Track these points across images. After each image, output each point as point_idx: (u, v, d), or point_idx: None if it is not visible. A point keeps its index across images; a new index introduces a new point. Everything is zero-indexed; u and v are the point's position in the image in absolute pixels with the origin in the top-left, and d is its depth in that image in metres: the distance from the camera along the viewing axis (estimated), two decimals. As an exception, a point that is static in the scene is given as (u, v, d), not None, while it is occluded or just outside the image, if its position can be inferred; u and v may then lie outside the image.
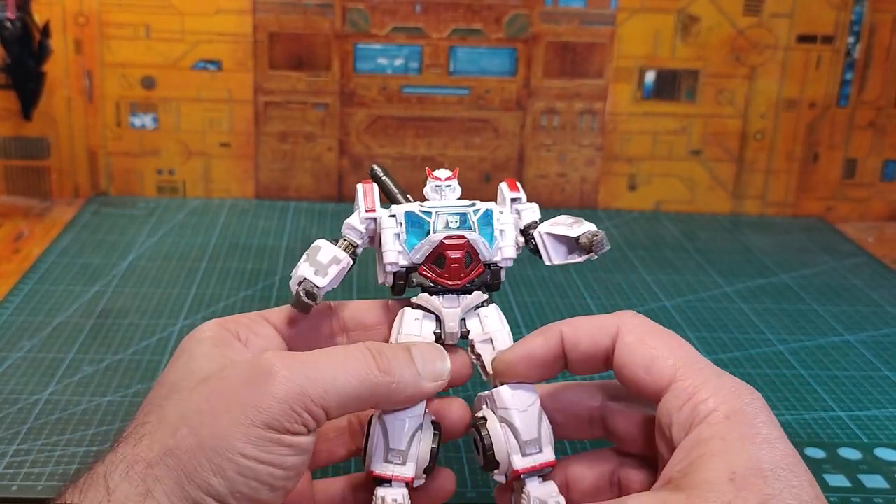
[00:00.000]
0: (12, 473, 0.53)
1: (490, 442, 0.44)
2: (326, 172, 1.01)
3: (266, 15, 0.96)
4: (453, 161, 1.01)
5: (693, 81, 1.01)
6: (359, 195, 0.46)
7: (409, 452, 0.43)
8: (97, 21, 0.95)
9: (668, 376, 0.41)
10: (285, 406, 0.37)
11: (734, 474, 0.36)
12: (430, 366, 0.42)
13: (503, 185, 0.48)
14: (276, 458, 0.37)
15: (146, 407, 0.40)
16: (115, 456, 0.37)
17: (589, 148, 1.02)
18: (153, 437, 0.37)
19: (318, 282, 0.44)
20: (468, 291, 0.46)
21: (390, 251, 0.45)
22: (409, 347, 0.42)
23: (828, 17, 0.99)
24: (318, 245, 0.46)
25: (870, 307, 0.82)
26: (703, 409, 0.39)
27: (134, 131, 0.99)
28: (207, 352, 0.41)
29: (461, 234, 0.45)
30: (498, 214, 0.46)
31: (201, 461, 0.36)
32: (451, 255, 0.44)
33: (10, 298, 0.75)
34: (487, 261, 0.45)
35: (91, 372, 0.65)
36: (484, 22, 0.98)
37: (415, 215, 0.45)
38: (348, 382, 0.39)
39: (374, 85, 0.99)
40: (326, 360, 0.39)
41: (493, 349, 0.45)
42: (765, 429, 0.38)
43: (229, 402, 0.37)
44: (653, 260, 0.90)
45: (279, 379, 0.38)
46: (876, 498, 0.55)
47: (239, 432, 0.37)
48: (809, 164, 1.04)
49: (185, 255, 0.86)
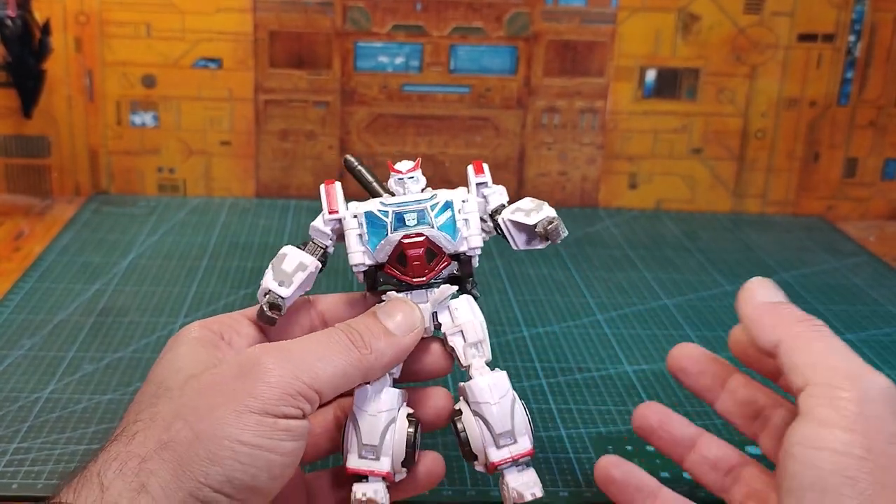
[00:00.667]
0: (13, 471, 0.53)
1: (465, 436, 0.44)
2: (327, 171, 1.01)
3: (266, 13, 0.96)
4: (454, 159, 1.01)
5: (694, 80, 1.01)
6: (322, 197, 0.47)
7: (382, 447, 0.43)
8: (98, 19, 0.95)
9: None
10: (278, 391, 0.38)
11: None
12: (399, 321, 0.43)
13: (469, 168, 0.48)
14: (274, 444, 0.38)
15: (136, 406, 0.40)
16: (107, 454, 0.38)
17: (590, 146, 1.02)
18: (147, 434, 0.38)
19: (282, 292, 0.45)
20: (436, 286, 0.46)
21: (355, 252, 0.45)
22: (375, 311, 0.44)
23: (828, 15, 0.99)
24: (284, 252, 0.46)
25: (870, 306, 0.82)
26: None
27: (134, 130, 0.99)
28: (193, 351, 0.42)
29: (419, 231, 0.44)
30: (460, 204, 0.46)
31: (198, 451, 0.37)
32: (412, 253, 0.45)
33: (10, 296, 0.75)
34: (453, 252, 0.45)
35: (91, 370, 0.65)
36: (485, 20, 0.98)
37: (373, 215, 0.45)
38: (333, 363, 0.40)
39: (374, 83, 0.99)
40: (310, 345, 0.41)
41: (463, 341, 0.45)
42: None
43: (223, 394, 0.38)
44: (653, 259, 0.90)
45: (270, 366, 0.39)
46: (876, 497, 0.55)
47: (235, 420, 0.37)
48: (810, 163, 1.04)
49: (186, 254, 0.86)
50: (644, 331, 0.75)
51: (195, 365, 0.41)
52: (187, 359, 0.42)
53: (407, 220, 0.45)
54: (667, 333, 0.74)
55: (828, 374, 0.39)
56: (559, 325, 0.74)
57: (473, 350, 0.45)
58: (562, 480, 0.55)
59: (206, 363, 0.41)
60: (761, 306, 0.44)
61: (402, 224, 0.45)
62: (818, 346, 0.41)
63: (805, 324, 0.42)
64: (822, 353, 0.41)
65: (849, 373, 0.39)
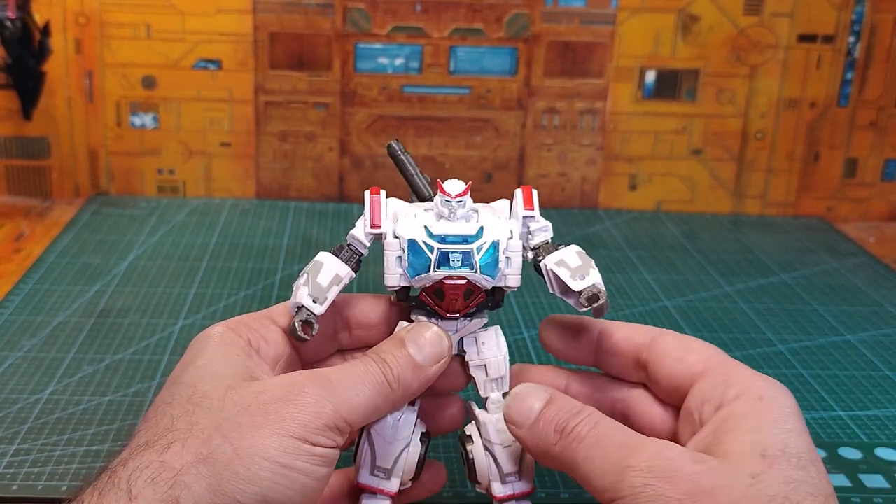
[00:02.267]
0: (12, 473, 0.53)
1: (473, 463, 0.46)
2: (327, 172, 1.01)
3: (267, 14, 0.96)
4: (454, 161, 1.01)
5: (694, 81, 1.01)
6: (365, 206, 0.45)
7: (394, 470, 0.45)
8: (98, 21, 0.95)
9: (702, 366, 0.44)
10: (319, 422, 0.39)
11: (765, 451, 0.38)
12: (428, 352, 0.43)
13: (518, 196, 0.46)
14: (309, 468, 0.39)
15: (166, 409, 0.40)
16: (139, 461, 0.37)
17: (589, 147, 1.02)
18: (184, 445, 0.38)
19: (316, 310, 0.44)
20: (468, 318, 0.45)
21: (392, 275, 0.44)
22: (404, 340, 0.43)
23: (828, 16, 0.99)
24: (321, 261, 0.45)
25: (870, 307, 0.82)
26: (736, 390, 0.41)
27: (134, 131, 0.99)
28: (226, 356, 0.42)
29: (462, 274, 0.43)
30: (505, 244, 0.44)
31: (237, 469, 0.37)
32: (451, 293, 0.44)
33: (10, 298, 0.75)
34: (489, 288, 0.45)
35: (91, 371, 0.65)
36: (484, 21, 0.98)
37: (417, 246, 0.43)
38: (368, 397, 0.41)
39: (374, 84, 0.99)
40: (349, 377, 0.41)
41: (485, 376, 0.46)
42: (793, 420, 0.40)
43: (266, 415, 0.39)
44: (653, 260, 0.90)
45: (314, 398, 0.40)
46: (876, 498, 0.55)
47: (277, 443, 0.38)
48: (810, 164, 1.04)
49: (186, 255, 0.86)
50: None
51: (231, 372, 0.41)
52: (222, 364, 0.42)
53: (451, 260, 0.43)
54: (667, 334, 0.74)
55: (603, 491, 0.39)
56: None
57: (493, 385, 0.46)
58: (562, 481, 0.55)
59: (242, 372, 0.42)
60: (525, 438, 0.43)
61: (445, 263, 0.43)
62: (580, 456, 0.40)
63: (561, 442, 0.41)
64: (587, 469, 0.40)
65: (612, 474, 0.39)
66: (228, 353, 0.42)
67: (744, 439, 0.38)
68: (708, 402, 0.42)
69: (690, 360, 0.44)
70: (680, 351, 0.45)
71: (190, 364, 0.42)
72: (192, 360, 0.42)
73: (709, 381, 0.43)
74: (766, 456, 0.37)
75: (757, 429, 0.39)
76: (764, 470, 0.37)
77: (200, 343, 0.44)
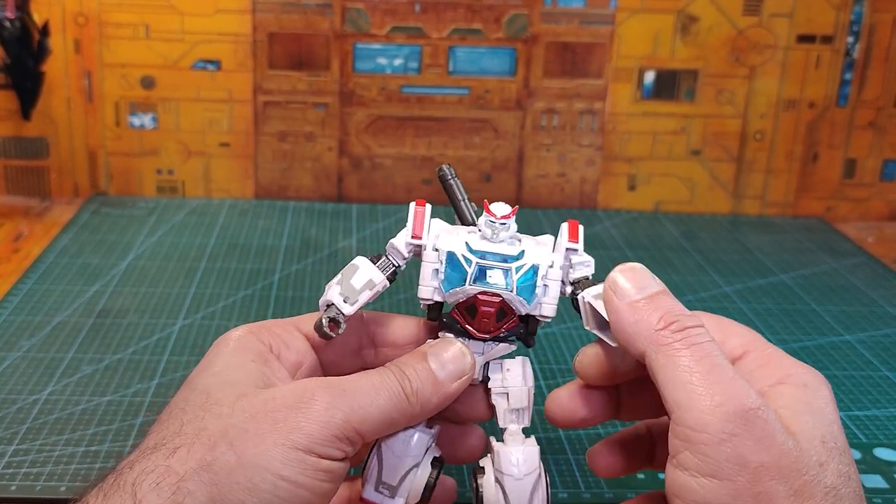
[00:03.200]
0: (11, 473, 0.53)
1: (482, 497, 0.44)
2: (326, 172, 1.01)
3: (265, 15, 0.96)
4: (453, 161, 1.01)
5: (693, 81, 1.01)
6: (409, 217, 0.45)
7: (399, 488, 0.43)
8: (96, 21, 0.95)
9: (741, 349, 0.43)
10: (328, 432, 0.38)
11: (825, 438, 0.38)
12: (450, 368, 0.42)
13: (564, 229, 0.45)
14: (313, 483, 0.38)
15: (179, 413, 0.39)
16: (145, 464, 0.37)
17: (589, 148, 1.02)
18: (189, 450, 0.37)
19: (345, 310, 0.43)
20: (497, 341, 0.45)
21: (426, 287, 0.44)
22: (426, 354, 0.42)
23: (827, 17, 0.99)
24: (356, 265, 0.44)
25: (869, 307, 0.82)
26: (778, 374, 0.41)
27: (133, 131, 0.99)
28: (243, 364, 0.41)
29: (497, 291, 0.43)
30: (545, 269, 0.43)
31: (238, 479, 0.37)
32: (484, 310, 0.43)
33: (9, 298, 0.75)
34: (523, 313, 0.44)
35: (90, 372, 0.65)
36: (483, 22, 0.98)
37: (456, 258, 0.43)
38: (382, 409, 0.40)
39: (373, 85, 0.99)
40: (363, 387, 0.40)
41: (507, 405, 0.45)
42: (835, 412, 0.40)
43: (274, 425, 0.38)
44: (652, 260, 0.90)
45: (324, 406, 0.38)
46: (875, 498, 0.55)
47: (280, 454, 0.37)
48: (809, 164, 1.04)
49: (185, 255, 0.86)
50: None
51: (246, 379, 0.40)
52: (239, 373, 0.41)
53: (489, 276, 0.43)
54: (666, 335, 0.74)
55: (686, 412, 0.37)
56: (558, 327, 0.74)
57: (513, 416, 0.45)
58: (561, 481, 0.55)
59: (257, 379, 0.41)
60: (622, 308, 0.41)
61: (482, 278, 0.43)
62: (682, 362, 0.38)
63: (666, 331, 0.39)
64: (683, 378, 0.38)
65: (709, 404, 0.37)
66: (245, 360, 0.42)
67: (804, 421, 0.38)
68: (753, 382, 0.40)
69: (731, 343, 0.43)
70: (718, 334, 0.42)
71: (206, 369, 0.42)
72: (208, 365, 0.42)
73: (749, 363, 0.42)
74: (825, 443, 0.38)
75: (812, 412, 0.39)
76: (826, 459, 0.37)
77: (219, 347, 0.43)
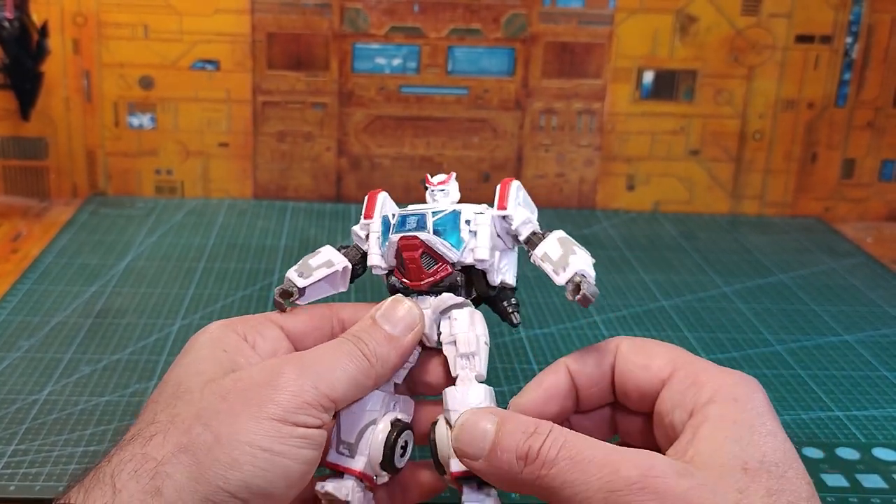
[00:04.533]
0: (10, 473, 0.53)
1: (435, 445, 0.43)
2: (325, 172, 1.01)
3: (264, 15, 0.96)
4: (452, 161, 1.01)
5: (691, 81, 1.01)
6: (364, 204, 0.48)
7: (358, 446, 0.44)
8: (95, 21, 0.95)
9: (668, 369, 0.42)
10: (299, 400, 0.39)
11: (747, 464, 0.37)
12: (398, 323, 0.44)
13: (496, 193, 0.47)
14: (293, 451, 0.38)
15: (153, 406, 0.40)
16: (122, 455, 0.38)
17: (587, 148, 1.02)
18: (165, 436, 0.38)
19: (298, 282, 0.46)
20: (437, 293, 0.45)
21: (374, 254, 0.46)
22: (373, 316, 0.44)
23: (826, 17, 0.99)
24: (319, 250, 0.47)
25: (868, 307, 0.82)
26: (708, 393, 0.40)
27: (132, 131, 0.99)
28: (213, 354, 0.42)
29: (414, 234, 0.44)
30: (470, 215, 0.45)
31: (218, 456, 0.37)
32: (406, 255, 0.45)
33: (8, 298, 0.75)
34: (454, 261, 0.45)
35: (89, 372, 0.65)
36: (482, 22, 0.98)
37: (386, 219, 0.46)
38: (347, 372, 0.41)
39: (372, 85, 0.99)
40: (324, 356, 0.41)
41: (455, 351, 0.44)
42: (769, 420, 0.39)
43: (245, 401, 0.39)
44: (651, 260, 0.90)
45: (291, 377, 0.39)
46: (874, 498, 0.55)
47: (257, 427, 0.38)
48: (808, 165, 1.04)
49: (184, 255, 0.86)
50: (641, 332, 0.75)
51: (215, 368, 0.41)
52: (208, 362, 0.42)
53: (408, 223, 0.45)
54: (664, 335, 0.74)
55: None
56: (556, 327, 0.74)
57: (464, 361, 0.44)
58: None
59: (226, 367, 0.41)
60: (480, 467, 0.40)
61: (402, 227, 0.45)
62: (556, 482, 0.38)
63: (532, 468, 0.38)
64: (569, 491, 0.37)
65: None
66: (216, 350, 0.42)
67: (725, 450, 0.37)
68: (679, 406, 0.40)
69: (655, 365, 0.42)
70: (642, 358, 0.43)
71: (178, 363, 0.42)
72: (181, 359, 0.43)
73: (677, 383, 0.41)
74: (747, 469, 0.37)
75: (736, 438, 0.38)
76: (748, 484, 0.36)
77: (193, 341, 0.44)
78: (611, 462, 0.37)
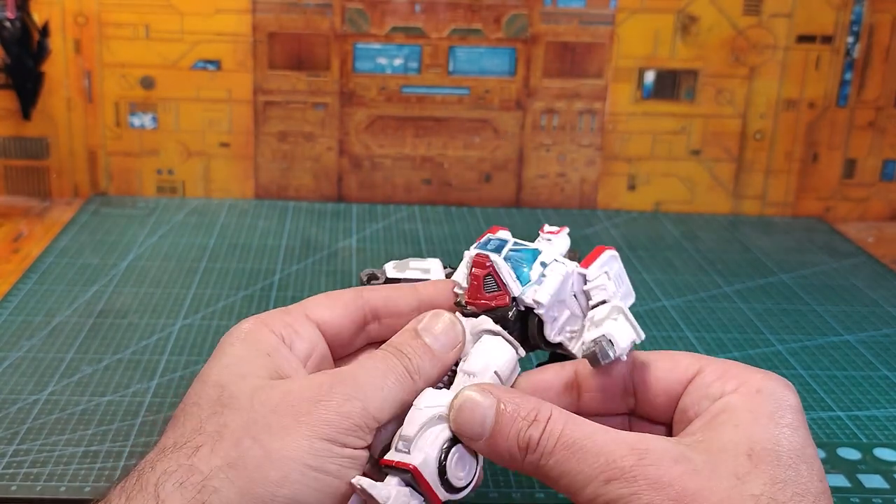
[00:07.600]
0: (11, 473, 0.53)
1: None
2: (326, 172, 1.01)
3: (265, 15, 0.96)
4: (452, 161, 1.01)
5: (692, 81, 1.01)
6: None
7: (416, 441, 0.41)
8: (96, 21, 0.95)
9: (696, 366, 0.43)
10: (349, 422, 0.39)
11: (752, 449, 0.37)
12: (442, 339, 0.44)
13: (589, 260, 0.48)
14: (341, 470, 0.38)
15: (194, 410, 0.40)
16: (167, 464, 0.37)
17: (588, 148, 1.02)
18: (213, 448, 0.37)
19: (389, 271, 0.49)
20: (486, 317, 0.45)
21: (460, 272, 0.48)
22: (417, 331, 0.44)
23: (827, 17, 0.99)
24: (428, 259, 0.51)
25: (869, 307, 0.82)
26: (734, 383, 0.40)
27: (133, 131, 0.99)
28: (252, 356, 0.42)
29: (487, 253, 0.45)
30: (550, 260, 0.46)
31: (268, 473, 0.37)
32: (473, 271, 0.45)
33: (9, 298, 0.75)
34: (514, 295, 0.45)
35: (90, 372, 0.65)
36: (483, 22, 0.98)
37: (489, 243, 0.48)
38: (393, 392, 0.41)
39: (373, 85, 0.99)
40: (373, 374, 0.41)
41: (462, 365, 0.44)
42: (790, 415, 0.39)
43: (296, 416, 0.38)
44: (652, 260, 0.90)
45: (343, 397, 0.39)
46: (875, 498, 0.55)
47: (307, 445, 0.38)
48: (809, 165, 1.04)
49: (185, 255, 0.86)
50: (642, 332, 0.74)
51: (259, 370, 0.41)
52: (249, 365, 0.41)
53: (490, 244, 0.46)
54: (665, 335, 0.74)
55: None
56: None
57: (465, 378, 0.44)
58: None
59: (270, 371, 0.41)
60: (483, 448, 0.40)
61: (483, 246, 0.46)
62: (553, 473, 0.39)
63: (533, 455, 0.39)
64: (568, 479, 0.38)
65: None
66: (256, 352, 0.42)
67: (733, 435, 0.38)
68: (706, 396, 0.41)
69: (682, 366, 0.43)
70: (667, 362, 0.43)
71: (217, 363, 0.42)
72: (219, 359, 0.42)
73: (706, 377, 0.42)
74: (752, 455, 0.37)
75: (748, 423, 0.38)
76: (749, 470, 0.36)
77: (229, 339, 0.43)
78: (607, 451, 0.37)
